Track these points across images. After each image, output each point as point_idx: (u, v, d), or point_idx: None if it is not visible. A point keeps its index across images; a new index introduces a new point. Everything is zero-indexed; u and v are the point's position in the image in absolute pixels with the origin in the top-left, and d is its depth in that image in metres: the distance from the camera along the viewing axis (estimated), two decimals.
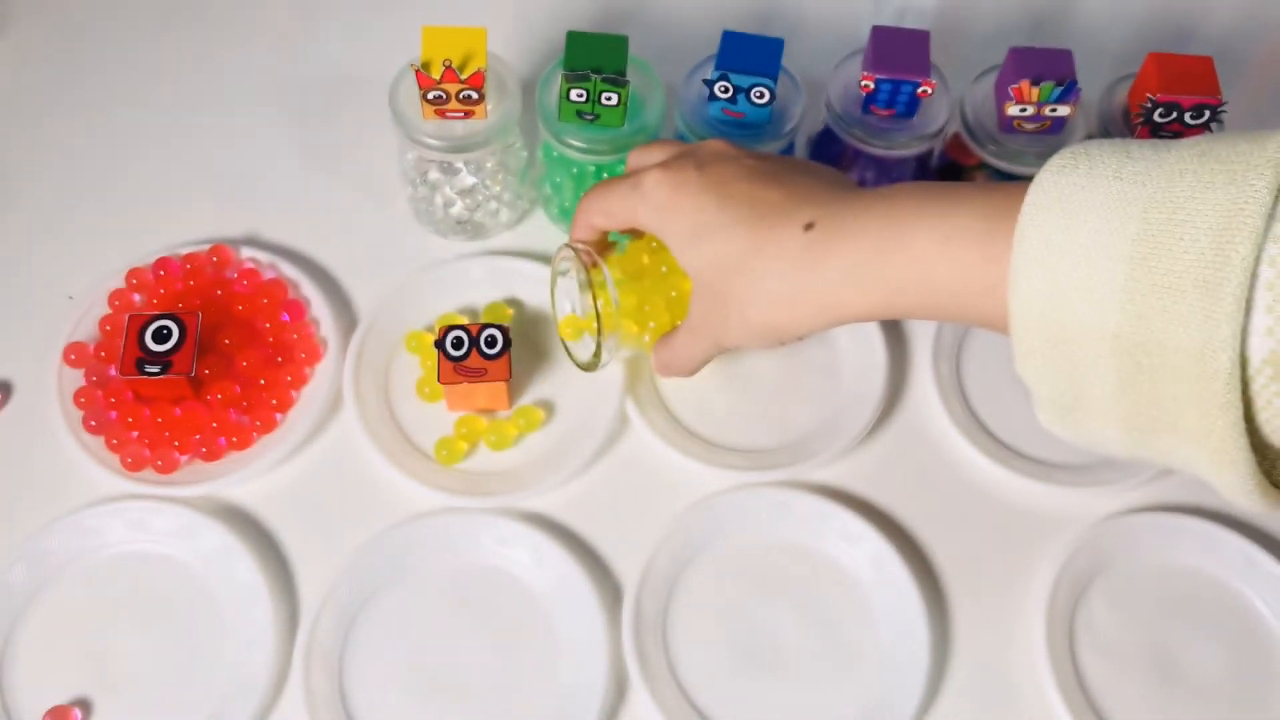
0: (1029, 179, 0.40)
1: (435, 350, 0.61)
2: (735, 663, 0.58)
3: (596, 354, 0.57)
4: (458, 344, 0.61)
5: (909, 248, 0.43)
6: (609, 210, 0.54)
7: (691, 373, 0.57)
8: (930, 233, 0.43)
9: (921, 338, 0.68)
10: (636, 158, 0.56)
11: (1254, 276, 0.34)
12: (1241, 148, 0.36)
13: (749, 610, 0.60)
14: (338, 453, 0.64)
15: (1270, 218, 0.34)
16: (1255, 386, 0.35)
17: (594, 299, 0.55)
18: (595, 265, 0.56)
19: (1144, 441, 0.39)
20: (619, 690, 0.57)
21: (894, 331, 0.67)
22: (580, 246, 0.57)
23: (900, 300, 0.44)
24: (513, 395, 0.64)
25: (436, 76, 0.61)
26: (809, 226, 0.46)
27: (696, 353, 0.54)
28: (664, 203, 0.51)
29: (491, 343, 0.61)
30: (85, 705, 0.56)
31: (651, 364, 0.59)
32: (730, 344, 0.52)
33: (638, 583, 0.59)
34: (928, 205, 0.43)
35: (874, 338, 0.66)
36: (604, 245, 0.58)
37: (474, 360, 0.61)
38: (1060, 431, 0.41)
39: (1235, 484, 0.37)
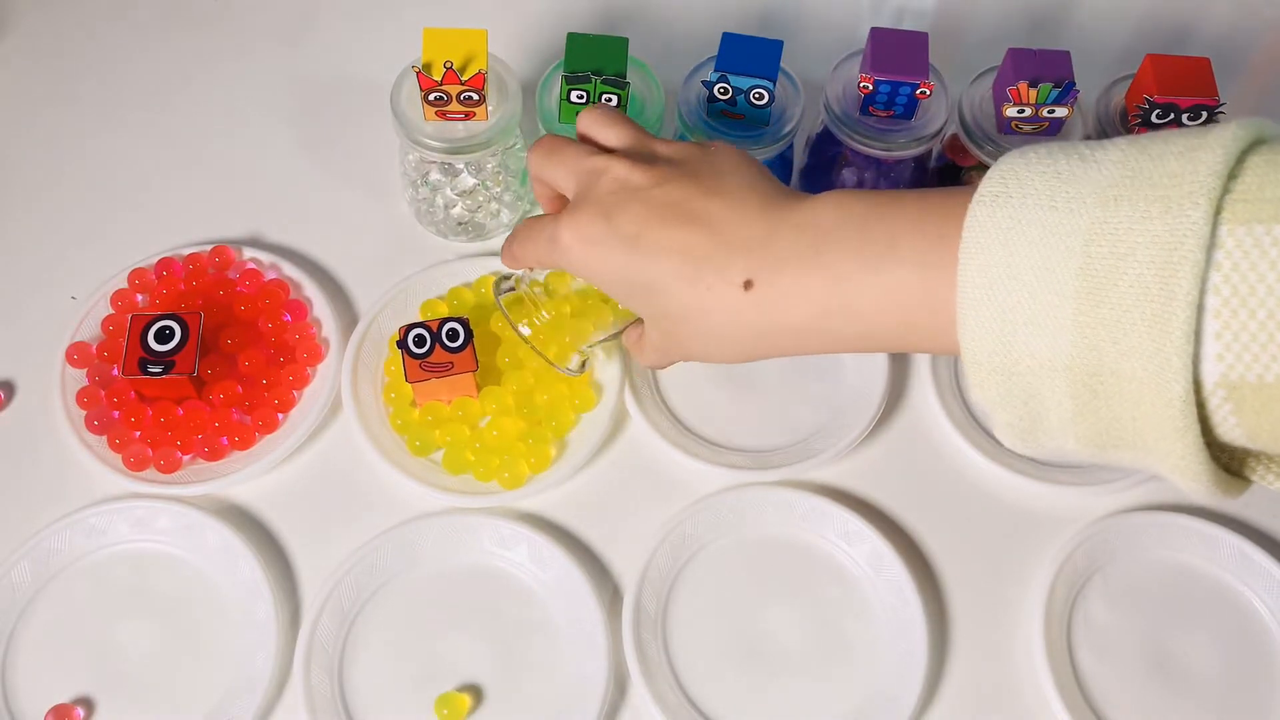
0: (964, 191, 0.40)
1: (399, 350, 0.62)
2: (735, 661, 0.59)
3: (560, 360, 0.59)
4: (420, 341, 0.61)
5: (851, 307, 0.43)
6: (538, 258, 0.53)
7: (663, 368, 0.59)
8: (871, 289, 0.43)
9: None
10: (536, 167, 0.55)
11: (1200, 308, 0.35)
12: (1171, 167, 0.36)
13: (749, 609, 0.60)
14: (339, 452, 0.64)
15: (1209, 245, 0.34)
16: (1211, 406, 0.36)
17: (530, 319, 0.58)
18: (515, 291, 0.58)
19: (1105, 455, 0.39)
20: (619, 689, 0.57)
21: None
22: (502, 277, 0.59)
23: (854, 345, 0.45)
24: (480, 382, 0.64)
25: (438, 78, 0.61)
26: (748, 285, 0.46)
27: (663, 361, 0.54)
28: (585, 262, 0.49)
29: (453, 336, 0.61)
30: (88, 704, 0.56)
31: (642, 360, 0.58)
32: (695, 356, 0.52)
33: (638, 581, 0.59)
34: (861, 249, 0.43)
35: None
36: None
37: (438, 355, 0.61)
38: (1022, 450, 0.41)
39: (1198, 490, 0.37)
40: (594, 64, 0.62)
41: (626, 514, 0.62)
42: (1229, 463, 0.39)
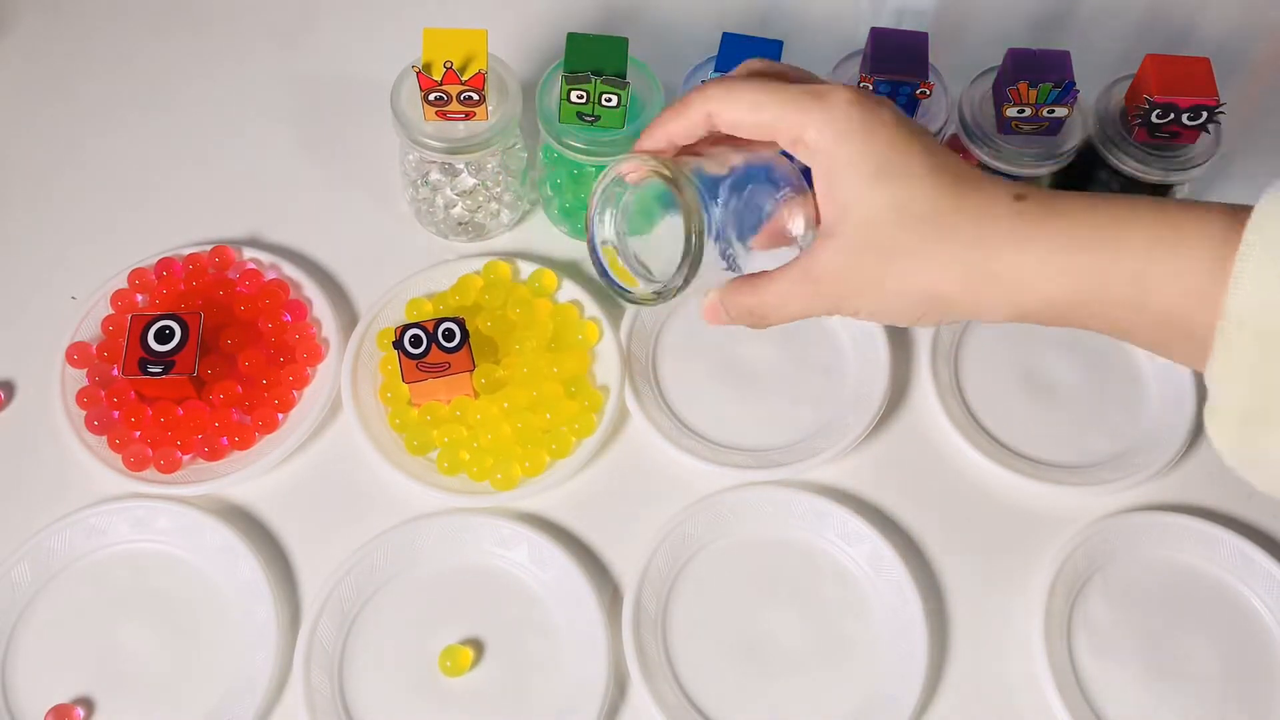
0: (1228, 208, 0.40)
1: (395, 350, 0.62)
2: (735, 661, 0.59)
3: (693, 260, 0.44)
4: (416, 342, 0.61)
5: (1124, 245, 0.40)
6: (763, 106, 0.44)
7: (766, 327, 0.48)
8: (1143, 233, 0.40)
9: (922, 338, 0.68)
10: (763, 64, 0.48)
11: None
12: None
13: (749, 609, 0.60)
14: (339, 452, 0.64)
15: None
16: None
17: (682, 194, 0.44)
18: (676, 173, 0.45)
19: None
20: (619, 689, 0.57)
21: (896, 333, 0.67)
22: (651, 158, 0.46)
23: (1103, 296, 0.41)
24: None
25: (438, 78, 0.61)
26: (1019, 197, 0.42)
27: (799, 309, 0.46)
28: (854, 128, 0.42)
29: (449, 336, 0.61)
30: (88, 704, 0.56)
31: (713, 307, 0.48)
32: (858, 309, 0.45)
33: (638, 581, 0.59)
34: (1145, 210, 0.41)
35: (876, 338, 0.67)
36: (677, 149, 0.48)
37: (435, 355, 0.61)
38: (1224, 442, 0.39)
39: None
40: (594, 64, 0.62)
41: (626, 514, 0.62)
42: None
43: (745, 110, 0.45)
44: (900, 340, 0.68)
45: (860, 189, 0.43)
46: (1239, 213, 0.39)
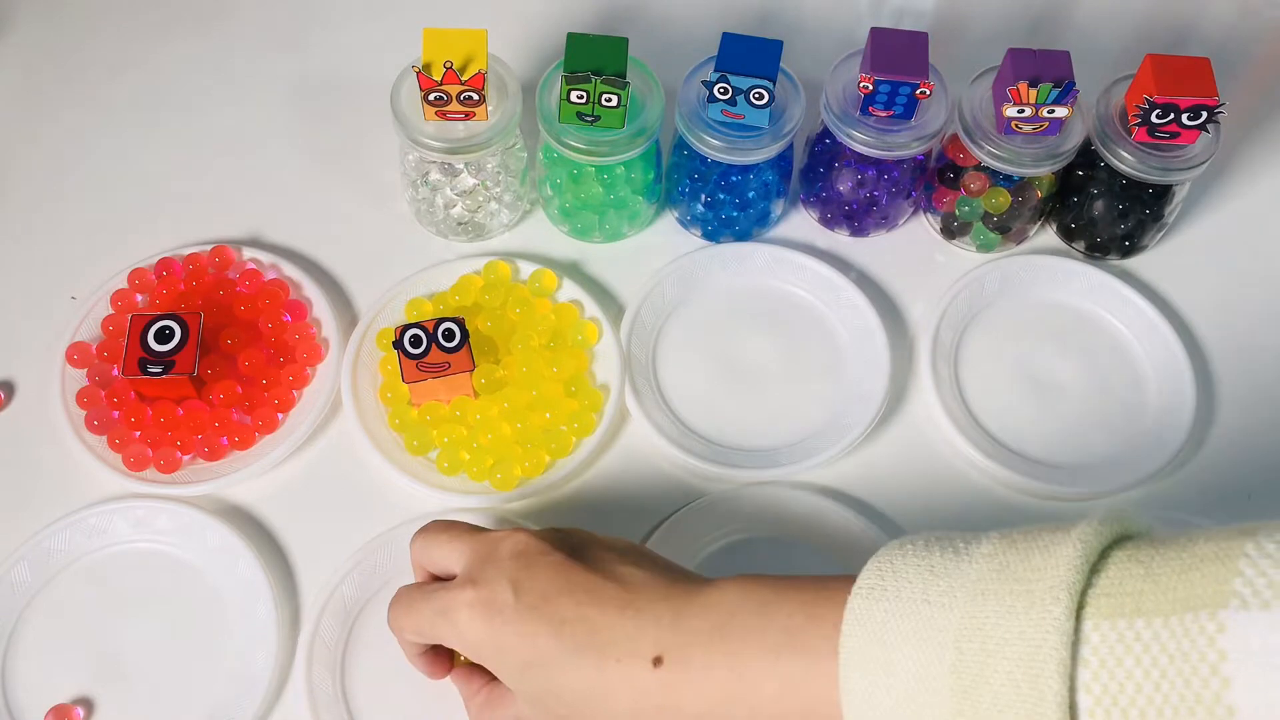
0: (852, 577, 0.41)
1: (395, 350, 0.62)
2: None
3: None
4: (416, 342, 0.61)
5: (752, 696, 0.42)
6: (420, 631, 0.48)
7: None
8: (771, 679, 0.42)
9: (922, 338, 0.68)
10: (422, 556, 0.51)
11: (1073, 705, 0.34)
12: (1035, 561, 0.36)
13: None
14: (339, 452, 0.64)
15: (1076, 639, 0.35)
16: None
17: None
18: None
19: None
20: None
21: (896, 333, 0.67)
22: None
23: None
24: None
25: (438, 78, 0.61)
26: (657, 661, 0.43)
27: None
28: (483, 638, 0.45)
29: (449, 336, 0.61)
30: (88, 704, 0.56)
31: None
32: None
33: None
34: (762, 636, 0.42)
35: (876, 338, 0.67)
36: (444, 652, 0.53)
37: (435, 355, 0.61)
38: None
39: None
40: (594, 64, 0.62)
41: (626, 513, 0.62)
42: None
43: (415, 637, 0.49)
44: (900, 340, 0.68)
45: (518, 683, 0.46)
46: (834, 623, 0.40)
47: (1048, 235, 0.74)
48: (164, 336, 0.61)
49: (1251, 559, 0.33)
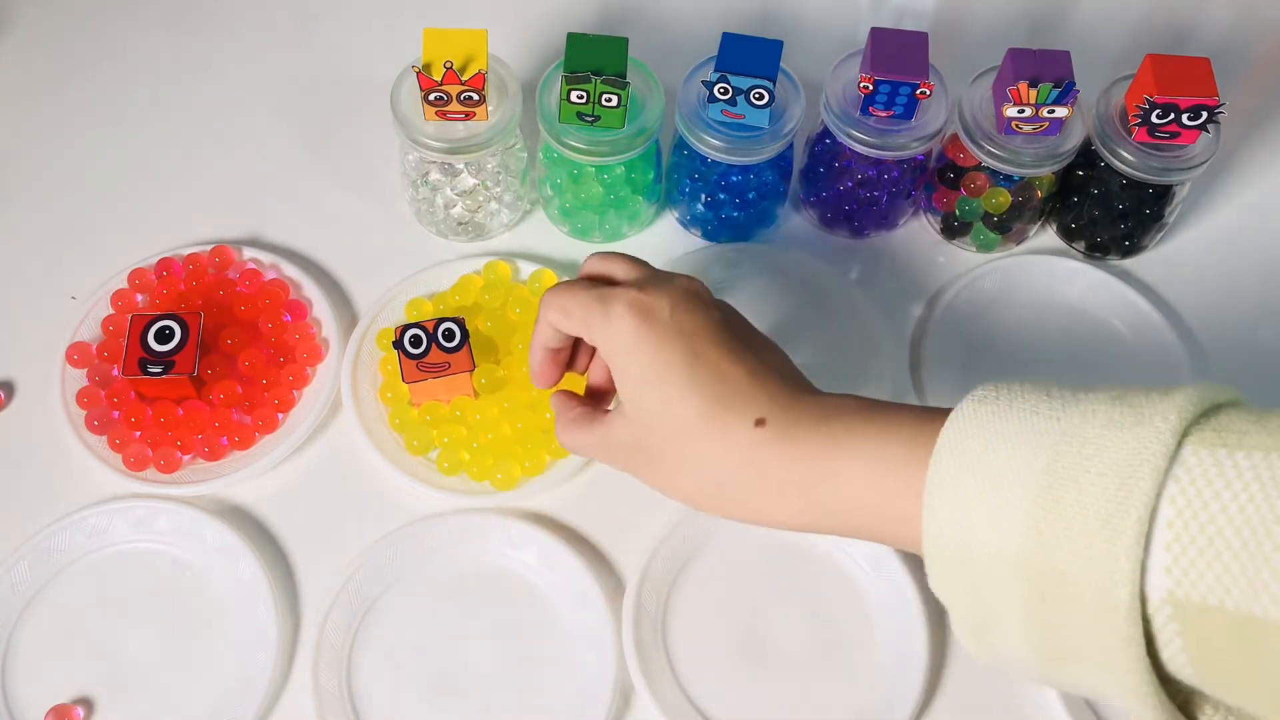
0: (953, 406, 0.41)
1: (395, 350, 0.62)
2: (735, 661, 0.59)
3: None
4: (416, 342, 0.61)
5: (839, 475, 0.44)
6: (568, 311, 0.50)
7: (581, 455, 0.55)
8: (858, 460, 0.43)
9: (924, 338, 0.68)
10: (597, 263, 0.53)
11: (1154, 514, 0.35)
12: (1153, 396, 0.38)
13: (748, 608, 0.60)
14: (339, 452, 0.64)
15: (1173, 459, 0.35)
16: (1156, 624, 0.36)
17: None
18: None
19: (1055, 668, 0.39)
20: (626, 689, 0.57)
21: (896, 333, 0.67)
22: None
23: (827, 520, 0.45)
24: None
25: (438, 78, 0.61)
26: (760, 422, 0.46)
27: (600, 459, 0.52)
28: (628, 334, 0.48)
29: (449, 336, 0.61)
30: (88, 704, 0.56)
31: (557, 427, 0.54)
32: (649, 484, 0.50)
33: (638, 581, 0.59)
34: (862, 430, 0.44)
35: (878, 338, 0.67)
36: (562, 359, 0.55)
37: (435, 355, 0.61)
38: (975, 652, 0.41)
39: (1144, 714, 0.37)
40: (594, 64, 0.62)
41: (626, 513, 0.62)
42: (1184, 706, 0.38)
43: (560, 317, 0.51)
44: (900, 340, 0.68)
45: (634, 390, 0.48)
46: (937, 426, 0.41)
47: (1048, 235, 0.74)
48: (164, 336, 0.61)
49: None
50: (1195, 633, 0.35)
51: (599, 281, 0.51)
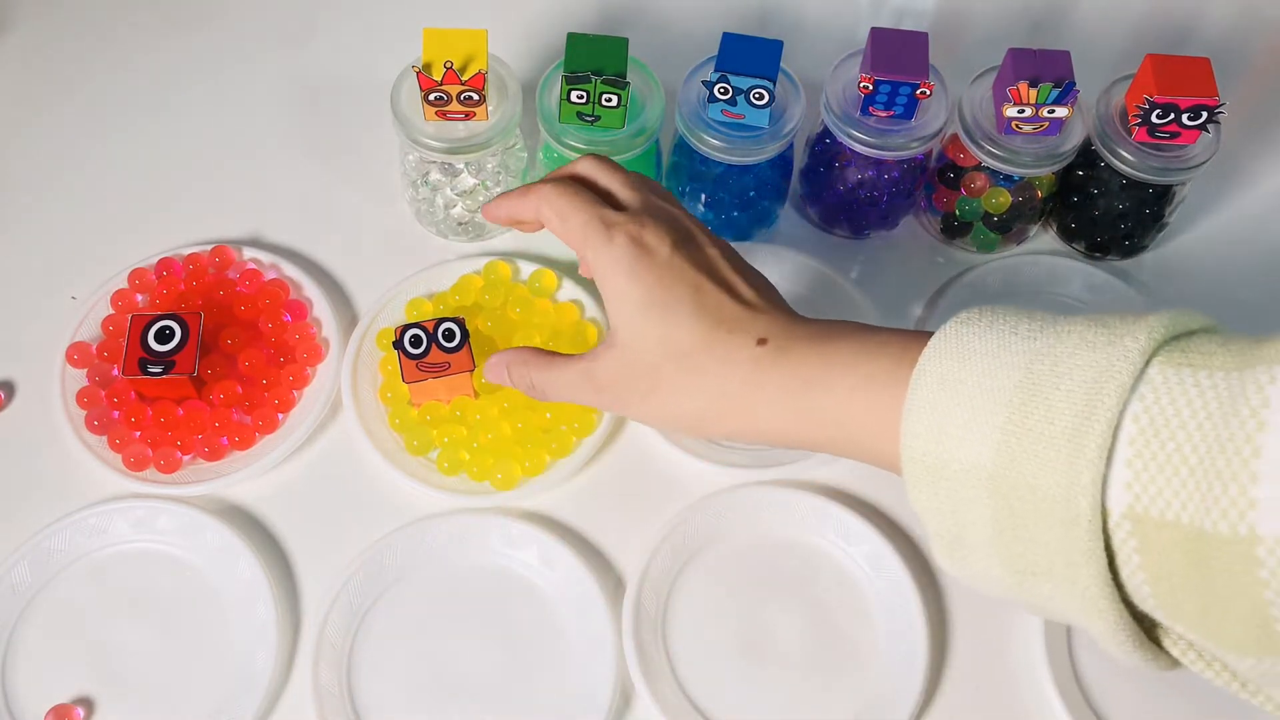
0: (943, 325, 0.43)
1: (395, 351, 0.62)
2: (735, 661, 0.59)
3: None
4: (416, 342, 0.61)
5: (831, 388, 0.45)
6: (566, 218, 0.51)
7: (542, 400, 0.55)
8: (849, 375, 0.45)
9: None
10: (596, 172, 0.53)
11: (1118, 430, 0.36)
12: (1128, 319, 0.39)
13: (748, 608, 0.60)
14: (339, 452, 0.64)
15: (1139, 379, 0.36)
16: (1116, 540, 0.36)
17: None
18: None
19: (1025, 585, 0.40)
20: (626, 689, 0.57)
21: None
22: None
23: (816, 432, 0.46)
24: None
25: (438, 78, 0.62)
26: (761, 342, 0.47)
27: (576, 398, 0.52)
28: (624, 262, 0.49)
29: (449, 336, 0.61)
30: (88, 704, 0.56)
31: (495, 368, 0.55)
32: (630, 414, 0.51)
33: (638, 581, 0.59)
34: (853, 349, 0.45)
35: None
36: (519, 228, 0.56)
37: (435, 355, 0.61)
38: (950, 568, 0.42)
39: (1106, 634, 0.38)
40: (594, 64, 0.62)
41: (626, 514, 0.62)
42: (1150, 628, 0.39)
43: (555, 218, 0.52)
44: None
45: (631, 318, 0.49)
46: (923, 345, 0.42)
47: (1048, 235, 0.74)
48: (164, 336, 0.61)
49: None
50: (1152, 549, 0.35)
51: (597, 193, 0.53)
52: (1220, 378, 0.35)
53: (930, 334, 0.42)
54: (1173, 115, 0.64)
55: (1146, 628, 0.39)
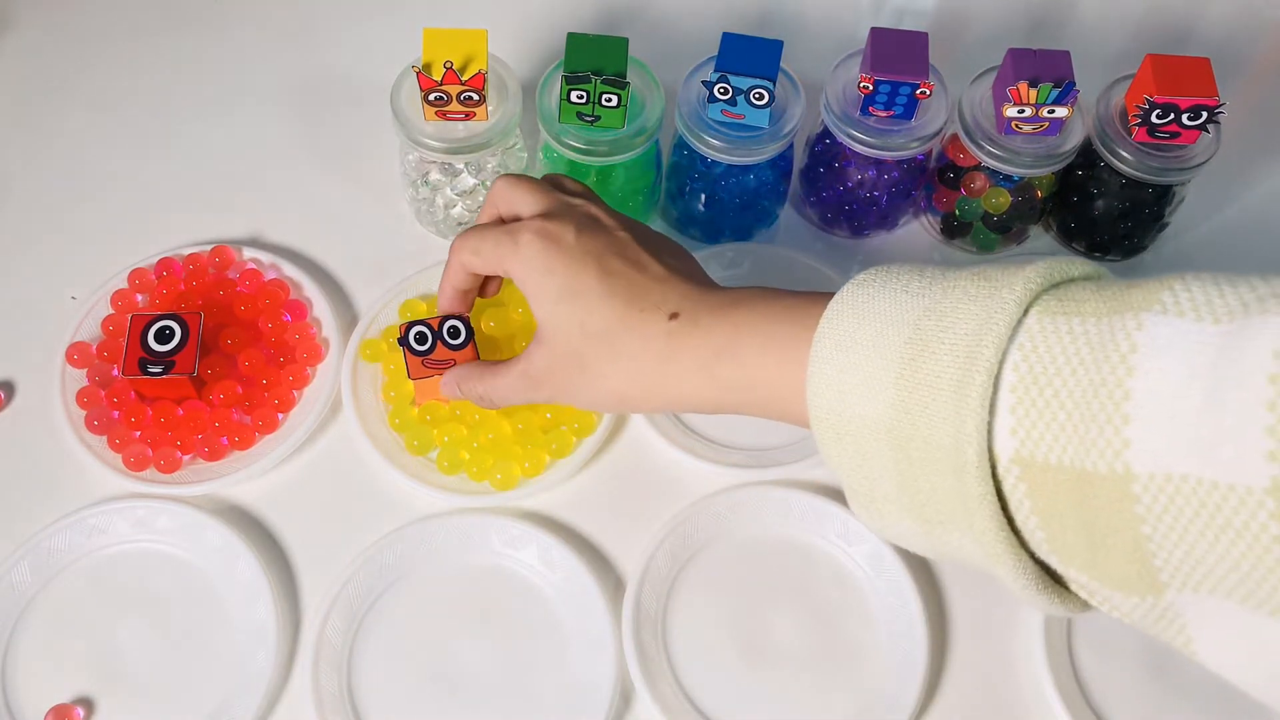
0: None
1: (399, 348, 0.62)
2: (735, 661, 0.59)
3: None
4: (421, 339, 0.61)
5: (740, 353, 0.47)
6: (480, 251, 0.54)
7: (495, 408, 0.59)
8: (755, 339, 0.46)
9: None
10: (503, 191, 0.55)
11: (999, 379, 0.37)
12: (1010, 268, 0.40)
13: (748, 608, 0.60)
14: (338, 453, 0.64)
15: (1019, 328, 0.38)
16: (1007, 486, 0.38)
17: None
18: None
19: (935, 536, 0.41)
20: (626, 689, 0.57)
21: None
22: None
23: (731, 397, 0.48)
24: None
25: (438, 78, 0.62)
26: (673, 316, 0.49)
27: (522, 399, 0.55)
28: (536, 259, 0.51)
29: (454, 334, 0.61)
30: (88, 704, 0.56)
31: (448, 386, 0.59)
32: (571, 400, 0.53)
33: (638, 581, 0.59)
34: (760, 314, 0.47)
35: None
36: (470, 296, 0.60)
37: (440, 352, 0.61)
38: (869, 522, 0.43)
39: (1009, 578, 0.39)
40: (594, 64, 0.62)
41: (626, 514, 0.62)
42: (1059, 577, 0.40)
43: (472, 258, 0.55)
44: None
45: (551, 309, 0.51)
46: (823, 307, 0.44)
47: (1048, 235, 0.74)
48: (164, 336, 0.61)
49: (1185, 281, 0.36)
50: (1041, 493, 0.37)
51: (506, 221, 0.55)
52: (1093, 324, 0.36)
53: (831, 295, 0.44)
54: (1173, 115, 0.64)
55: (1058, 575, 0.40)
